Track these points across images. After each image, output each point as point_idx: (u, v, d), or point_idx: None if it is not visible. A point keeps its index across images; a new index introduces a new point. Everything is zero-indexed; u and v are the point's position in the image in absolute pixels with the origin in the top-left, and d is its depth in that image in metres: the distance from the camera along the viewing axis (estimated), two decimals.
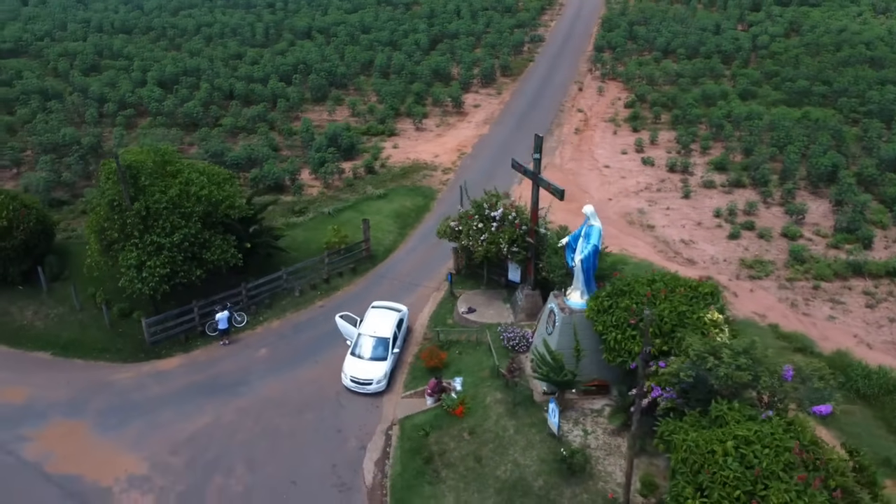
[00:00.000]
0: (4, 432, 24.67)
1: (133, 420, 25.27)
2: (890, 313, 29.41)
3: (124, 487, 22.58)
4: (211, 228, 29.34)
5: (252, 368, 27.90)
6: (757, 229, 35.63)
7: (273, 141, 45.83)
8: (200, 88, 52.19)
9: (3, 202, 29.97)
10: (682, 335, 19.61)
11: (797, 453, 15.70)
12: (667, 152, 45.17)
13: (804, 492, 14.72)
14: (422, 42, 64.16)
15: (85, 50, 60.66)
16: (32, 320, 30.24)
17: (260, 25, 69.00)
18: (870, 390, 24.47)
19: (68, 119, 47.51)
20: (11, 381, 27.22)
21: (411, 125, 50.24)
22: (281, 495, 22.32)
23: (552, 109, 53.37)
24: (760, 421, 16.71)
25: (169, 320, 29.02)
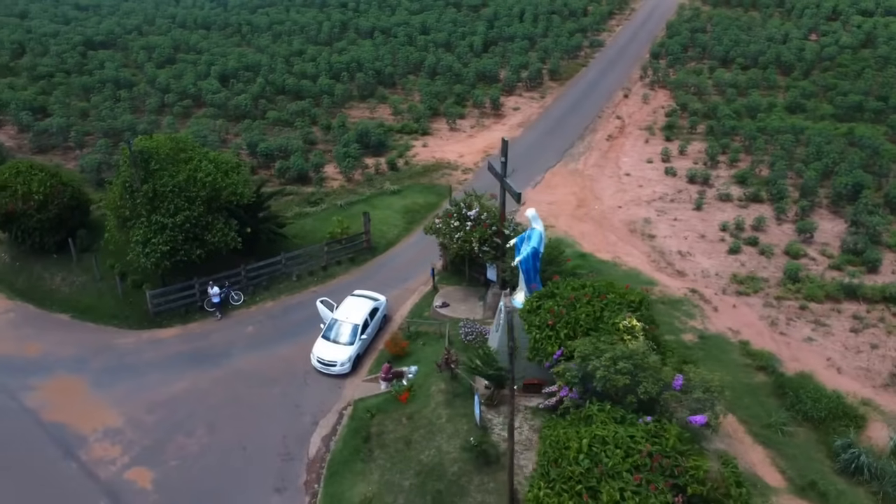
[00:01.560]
0: (15, 380, 28.04)
1: (123, 380, 28.10)
2: (874, 339, 28.42)
3: (99, 437, 25.35)
4: (215, 212, 31.90)
5: (237, 343, 30.26)
6: (760, 245, 34.91)
7: (311, 135, 48.40)
8: (255, 83, 55.56)
9: (42, 179, 33.68)
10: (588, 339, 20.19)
11: (655, 458, 16.15)
12: (693, 163, 44.57)
13: (638, 492, 15.23)
14: (476, 45, 65.37)
15: (164, 44, 65.57)
16: (60, 286, 33.85)
17: (327, 24, 72.17)
18: (817, 413, 24.02)
19: (132, 107, 51.87)
20: (31, 337, 30.74)
21: (446, 125, 51.64)
22: (228, 458, 24.43)
23: (590, 115, 53.44)
24: (629, 424, 17.20)
25: (171, 294, 31.86)
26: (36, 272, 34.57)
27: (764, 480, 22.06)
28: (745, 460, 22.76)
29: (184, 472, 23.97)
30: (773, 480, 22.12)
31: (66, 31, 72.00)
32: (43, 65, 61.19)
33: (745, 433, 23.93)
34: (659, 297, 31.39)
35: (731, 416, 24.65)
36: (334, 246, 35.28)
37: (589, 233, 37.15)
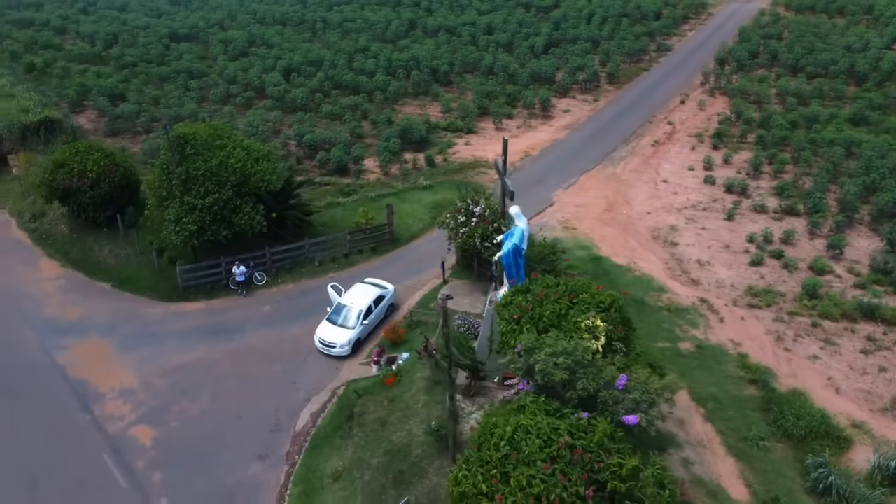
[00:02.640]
0: (53, 339, 30.91)
1: (144, 346, 30.46)
2: (884, 362, 27.28)
3: (114, 395, 27.71)
4: (243, 197, 33.96)
5: (252, 320, 32.17)
6: (784, 259, 33.94)
7: (359, 129, 50.16)
8: (315, 77, 57.94)
9: (97, 159, 36.71)
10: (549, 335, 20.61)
11: (576, 451, 16.54)
12: (736, 172, 43.49)
13: (546, 480, 15.71)
14: (536, 46, 65.60)
15: (240, 38, 69.21)
16: (106, 257, 36.82)
17: (396, 22, 74.09)
18: (798, 431, 23.46)
19: (200, 96, 55.23)
20: (75, 302, 33.69)
21: (492, 124, 52.30)
22: (223, 424, 26.23)
23: (641, 120, 52.83)
24: (559, 417, 17.61)
25: (200, 270, 34.14)
26: (88, 244, 37.71)
27: (727, 492, 21.88)
28: (712, 471, 22.65)
29: (181, 434, 25.93)
30: (736, 493, 21.87)
31: (156, 24, 77.01)
32: (129, 55, 65.86)
33: (720, 444, 23.69)
34: (665, 304, 31.16)
35: (710, 427, 24.53)
36: (357, 235, 36.72)
37: (610, 237, 37.07)
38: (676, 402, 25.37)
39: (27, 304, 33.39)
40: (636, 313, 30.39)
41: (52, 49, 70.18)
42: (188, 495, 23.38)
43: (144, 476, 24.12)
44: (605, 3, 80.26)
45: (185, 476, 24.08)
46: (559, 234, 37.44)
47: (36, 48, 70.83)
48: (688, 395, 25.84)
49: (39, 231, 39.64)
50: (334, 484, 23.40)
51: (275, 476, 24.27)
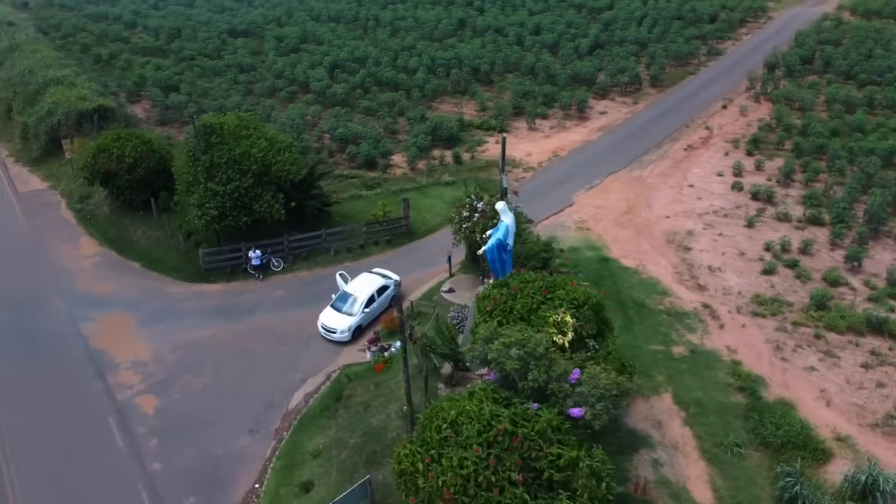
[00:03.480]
0: (81, 311, 33.14)
1: (162, 323, 32.32)
2: (884, 377, 26.49)
3: (127, 366, 29.59)
4: (264, 185, 35.50)
5: (263, 303, 33.65)
6: (798, 268, 33.19)
7: (395, 125, 51.29)
8: (358, 74, 59.44)
9: (135, 145, 38.98)
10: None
11: (515, 438, 17.03)
12: (766, 180, 42.56)
13: (476, 463, 16.28)
14: (582, 47, 65.38)
15: (293, 34, 71.51)
16: (139, 238, 39.07)
17: (446, 22, 75.05)
18: (774, 440, 23.17)
19: (247, 90, 57.52)
20: (107, 278, 35.96)
21: (526, 124, 52.59)
22: (221, 399, 27.70)
23: (677, 124, 52.13)
24: (506, 405, 18.09)
25: (221, 254, 35.88)
26: (124, 225, 40.08)
27: (691, 494, 21.88)
28: (680, 473, 22.66)
29: (182, 405, 27.52)
30: (701, 496, 21.83)
31: (217, 19, 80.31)
32: (188, 49, 69.04)
33: (695, 448, 23.60)
34: (666, 308, 31.00)
35: (688, 430, 24.45)
36: (374, 227, 37.81)
37: (623, 239, 36.97)
38: (657, 404, 25.58)
39: (63, 277, 35.84)
40: (635, 315, 30.62)
41: (119, 42, 74.21)
42: (179, 462, 24.87)
43: (143, 441, 25.76)
44: (659, 6, 79.26)
45: (179, 444, 25.60)
46: (573, 234, 37.67)
47: (106, 41, 75.01)
48: (671, 398, 25.79)
49: (84, 211, 42.32)
50: (314, 460, 24.47)
51: (262, 449, 25.52)
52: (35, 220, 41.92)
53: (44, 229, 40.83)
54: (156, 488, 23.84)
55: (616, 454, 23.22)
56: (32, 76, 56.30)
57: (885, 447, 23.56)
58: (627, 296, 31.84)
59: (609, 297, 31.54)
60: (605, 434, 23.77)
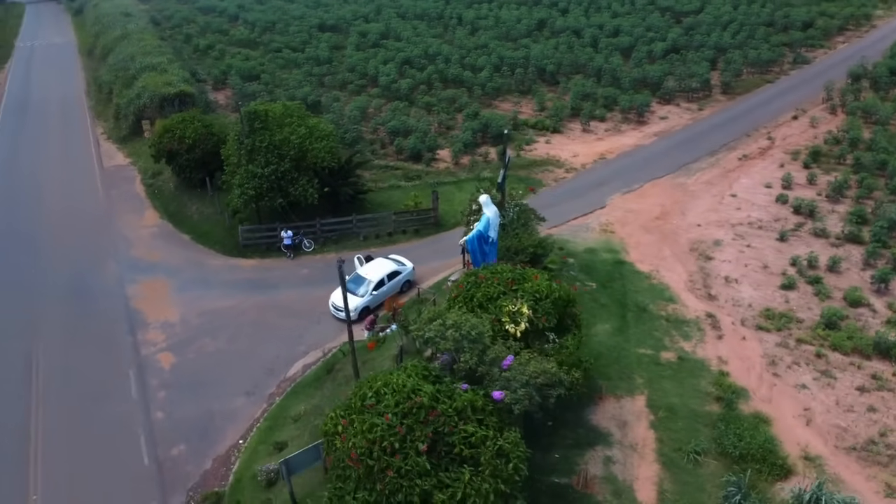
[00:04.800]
0: (129, 274, 36.65)
1: (195, 290, 35.26)
2: (878, 402, 25.33)
3: (156, 326, 32.63)
4: (301, 171, 37.84)
5: (288, 280, 35.98)
6: (819, 286, 31.97)
7: (451, 121, 52.71)
8: (426, 70, 61.27)
9: (196, 127, 42.42)
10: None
11: (432, 413, 18.11)
12: (816, 194, 40.85)
13: (384, 429, 17.48)
14: (656, 51, 64.35)
15: (375, 30, 74.40)
16: (193, 213, 42.51)
17: (525, 22, 75.71)
18: (733, 450, 22.90)
19: (318, 81, 60.64)
20: (158, 247, 39.49)
21: (580, 125, 52.64)
22: (229, 362, 30.14)
23: (739, 133, 50.65)
24: (431, 382, 19.13)
25: (258, 232, 38.56)
26: (183, 200, 43.71)
27: (634, 494, 22.06)
28: (630, 473, 22.86)
29: (194, 364, 30.15)
30: (644, 497, 21.97)
31: (311, 14, 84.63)
32: (277, 41, 73.43)
33: (653, 451, 23.64)
34: (667, 314, 30.78)
35: (651, 433, 24.50)
36: (403, 216, 39.40)
37: (646, 244, 36.73)
38: (628, 405, 25.74)
39: (121, 243, 39.67)
40: (633, 319, 30.63)
41: (218, 34, 79.85)
42: (178, 414, 27.39)
43: (153, 392, 28.51)
44: (750, 11, 76.65)
45: (183, 398, 28.16)
46: (594, 235, 37.80)
47: (207, 32, 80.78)
48: (644, 401, 25.81)
49: (154, 186, 46.39)
50: (293, 424, 26.32)
51: (253, 410, 27.65)
52: (111, 192, 46.36)
53: (117, 200, 45.15)
54: (153, 434, 26.45)
55: (571, 447, 23.85)
56: (132, 62, 61.77)
57: (855, 471, 22.73)
58: (631, 299, 31.80)
59: (611, 298, 31.94)
60: (565, 427, 24.57)
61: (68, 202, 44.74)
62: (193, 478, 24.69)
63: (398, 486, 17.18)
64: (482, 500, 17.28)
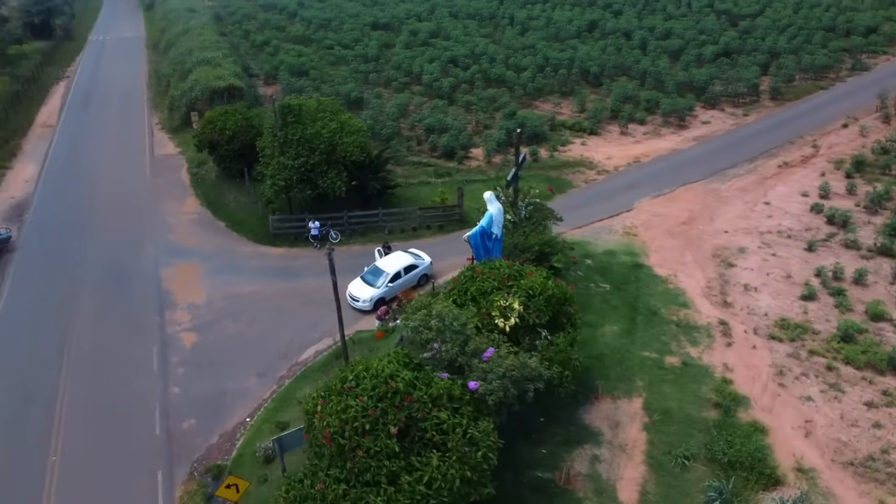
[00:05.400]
0: (165, 258, 38.47)
1: (224, 275, 36.79)
2: (884, 419, 24.62)
3: (183, 307, 34.25)
4: (331, 164, 38.97)
5: (312, 269, 37.03)
6: (840, 298, 31.14)
7: (489, 120, 53.16)
8: (470, 69, 61.82)
9: (236, 120, 44.13)
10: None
11: (407, 398, 18.75)
12: (854, 205, 39.65)
13: (357, 410, 18.18)
14: (705, 54, 63.18)
15: (425, 29, 75.33)
16: (231, 202, 44.25)
17: (576, 22, 75.34)
18: (723, 457, 22.72)
19: (363, 78, 61.94)
20: (195, 233, 41.31)
21: (618, 128, 52.28)
22: (246, 344, 31.44)
23: (782, 140, 49.42)
24: (416, 370, 19.75)
25: (288, 222, 39.92)
26: (222, 189, 45.54)
27: (616, 493, 22.21)
28: (615, 473, 23.04)
29: (213, 344, 31.57)
30: (626, 497, 22.08)
31: (365, 13, 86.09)
32: (329, 39, 75.17)
33: (642, 452, 23.69)
34: (677, 319, 30.57)
35: (644, 436, 24.53)
36: (429, 211, 40.11)
37: (668, 248, 36.41)
38: (624, 406, 25.79)
39: (161, 228, 41.66)
40: (642, 322, 30.56)
41: (276, 30, 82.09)
42: (193, 390, 28.79)
43: (172, 369, 30.04)
44: (811, 15, 74.22)
45: (199, 376, 29.58)
46: (616, 238, 37.68)
47: (266, 28, 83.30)
48: (641, 404, 25.82)
49: (198, 175, 48.42)
50: (298, 406, 27.21)
51: (263, 391, 28.83)
52: (158, 179, 48.62)
53: (162, 187, 47.33)
54: (168, 407, 27.91)
55: (560, 444, 24.14)
56: (189, 56, 64.44)
57: (849, 486, 22.24)
58: (644, 303, 31.68)
59: (623, 301, 31.93)
60: (557, 424, 24.89)
61: (118, 188, 47.14)
62: (199, 450, 25.98)
63: (367, 465, 17.89)
64: (447, 485, 17.79)
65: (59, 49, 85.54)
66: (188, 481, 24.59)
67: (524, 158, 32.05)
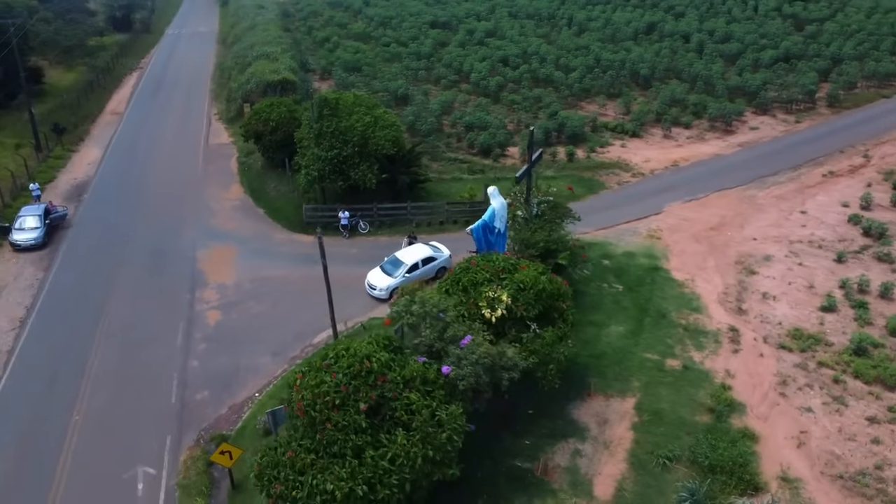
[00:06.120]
0: (203, 239, 40.50)
1: (256, 259, 38.50)
2: (886, 435, 23.90)
3: (213, 287, 36.08)
4: (363, 156, 40.23)
5: (338, 257, 37.82)
6: (861, 311, 30.23)
7: (534, 119, 53.47)
8: (519, 69, 62.18)
9: (281, 112, 45.93)
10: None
11: (381, 378, 19.62)
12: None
13: (330, 385, 19.15)
14: (763, 59, 61.57)
15: (482, 28, 76.02)
16: (271, 191, 46.15)
17: (634, 24, 74.53)
18: (703, 461, 22.63)
19: (413, 76, 63.16)
20: (235, 218, 43.31)
21: (661, 131, 51.70)
22: (267, 325, 32.96)
23: (832, 148, 47.92)
24: (394, 352, 20.59)
25: (319, 211, 41.41)
26: (266, 178, 47.52)
27: (592, 488, 22.45)
28: (594, 468, 23.28)
29: (236, 323, 33.23)
30: (601, 492, 22.29)
31: (426, 11, 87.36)
32: (387, 36, 76.78)
33: (625, 450, 23.80)
34: (686, 323, 30.33)
35: (630, 434, 24.64)
36: (457, 206, 40.86)
37: (691, 252, 36.02)
38: (615, 405, 25.94)
39: (204, 212, 43.86)
40: (650, 324, 30.52)
41: (338, 27, 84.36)
42: (211, 364, 30.43)
43: (194, 344, 31.82)
44: (884, 20, 71.09)
45: (218, 351, 31.23)
46: (639, 240, 37.52)
47: (330, 25, 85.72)
48: (633, 403, 25.88)
49: (245, 164, 50.62)
50: None
51: (274, 369, 30.21)
52: (209, 167, 51.08)
53: (211, 174, 49.73)
54: (186, 378, 29.63)
55: (544, 436, 24.54)
56: (251, 50, 67.18)
57: (834, 499, 21.79)
58: (655, 305, 31.56)
59: (634, 302, 31.98)
60: (545, 417, 25.33)
61: (170, 173, 49.79)
62: (208, 420, 27.54)
63: (335, 438, 18.84)
64: (410, 463, 18.55)
65: (136, 42, 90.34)
66: (193, 447, 26.13)
67: (539, 157, 32.38)
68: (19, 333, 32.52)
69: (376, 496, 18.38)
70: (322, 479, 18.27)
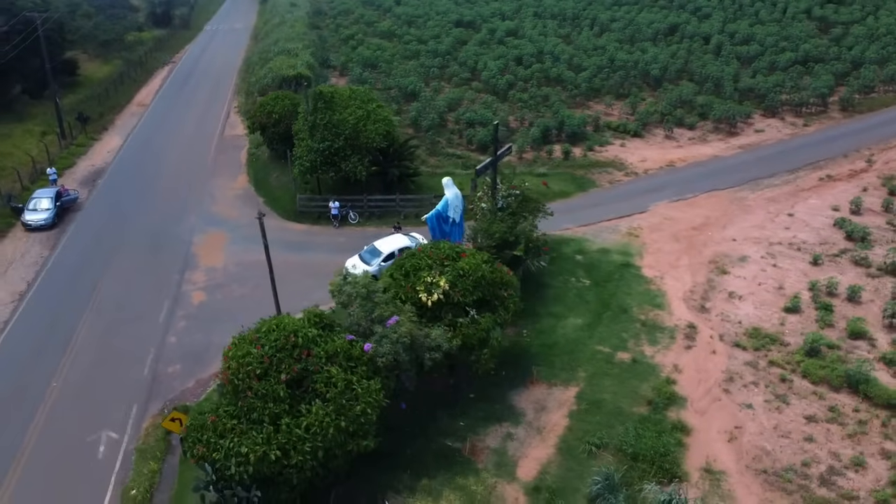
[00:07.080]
0: (201, 225, 42.41)
1: (245, 244, 39.87)
2: (821, 435, 23.93)
3: (202, 270, 37.88)
4: (355, 149, 41.50)
5: (324, 245, 39.82)
6: (824, 312, 30.08)
7: (540, 118, 53.96)
8: (531, 68, 62.63)
9: (284, 105, 47.56)
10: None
11: (305, 352, 20.77)
12: (886, 222, 37.63)
13: (255, 358, 20.35)
14: (780, 61, 60.68)
15: (503, 28, 76.62)
16: (272, 181, 47.84)
17: (655, 25, 74.10)
18: (628, 449, 23.14)
19: (425, 74, 64.22)
20: (235, 206, 45.11)
21: (664, 131, 51.62)
22: (246, 305, 34.47)
23: (835, 152, 47.19)
24: (324, 329, 21.70)
25: (312, 201, 42.85)
26: (269, 169, 49.26)
27: (515, 469, 23.17)
28: (521, 451, 24.03)
29: (217, 304, 34.89)
30: (523, 473, 23.00)
31: (453, 10, 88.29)
32: (410, 34, 77.99)
33: (556, 436, 24.42)
34: (646, 319, 30.66)
35: (565, 422, 25.24)
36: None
37: (666, 251, 36.18)
38: (557, 393, 26.56)
39: (207, 200, 45.82)
40: (609, 318, 30.96)
41: (365, 25, 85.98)
42: (186, 340, 32.14)
43: (175, 321, 33.56)
44: None
45: (195, 329, 32.91)
46: (616, 237, 37.82)
47: (359, 23, 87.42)
48: (575, 393, 26.44)
49: (254, 155, 52.53)
50: None
51: None
52: (220, 157, 53.14)
53: (220, 165, 51.76)
54: (161, 352, 31.38)
55: (480, 419, 25.36)
56: (276, 46, 69.23)
57: (753, 492, 22.03)
58: (618, 301, 31.94)
59: (598, 297, 32.53)
60: (485, 401, 26.17)
61: (183, 163, 51.98)
62: (175, 391, 29.20)
63: (254, 405, 20.05)
64: (322, 432, 19.62)
65: (173, 37, 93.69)
66: (157, 416, 27.74)
67: (507, 151, 33.11)
68: (17, 306, 34.79)
69: (290, 461, 19.49)
70: (238, 442, 19.47)
